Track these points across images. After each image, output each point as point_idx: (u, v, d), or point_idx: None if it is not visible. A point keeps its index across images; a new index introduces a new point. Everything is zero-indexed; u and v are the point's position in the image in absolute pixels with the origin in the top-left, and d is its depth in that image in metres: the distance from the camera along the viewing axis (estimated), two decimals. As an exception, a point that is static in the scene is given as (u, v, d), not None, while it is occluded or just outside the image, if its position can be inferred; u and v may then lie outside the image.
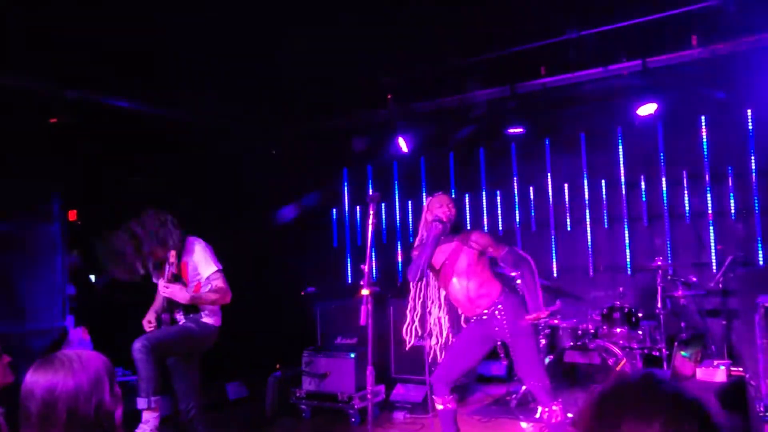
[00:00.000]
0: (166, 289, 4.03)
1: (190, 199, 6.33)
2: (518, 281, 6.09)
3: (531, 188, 7.55)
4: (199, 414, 4.12)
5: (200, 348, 4.17)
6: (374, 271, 8.23)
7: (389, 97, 6.78)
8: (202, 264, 4.15)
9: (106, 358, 1.99)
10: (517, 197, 7.62)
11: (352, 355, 6.00)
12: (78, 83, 5.79)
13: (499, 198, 7.74)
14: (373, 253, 8.28)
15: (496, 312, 4.02)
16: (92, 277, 6.79)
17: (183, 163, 6.80)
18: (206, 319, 4.15)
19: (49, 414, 1.82)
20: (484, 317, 4.07)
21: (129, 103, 6.34)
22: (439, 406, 4.10)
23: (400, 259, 8.23)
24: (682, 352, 3.74)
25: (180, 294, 4.00)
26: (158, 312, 4.21)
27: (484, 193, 7.79)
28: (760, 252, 6.31)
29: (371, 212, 3.78)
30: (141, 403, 3.67)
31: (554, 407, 3.93)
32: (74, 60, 5.47)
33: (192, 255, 4.18)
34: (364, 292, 3.60)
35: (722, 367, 3.80)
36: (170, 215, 4.22)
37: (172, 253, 4.08)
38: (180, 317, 4.18)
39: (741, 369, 4.14)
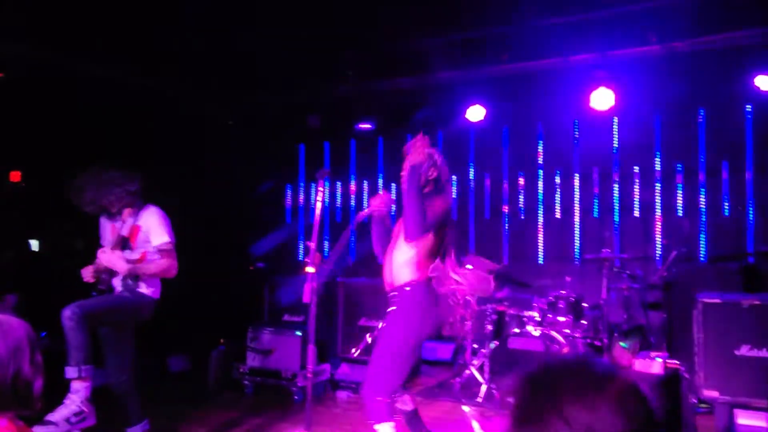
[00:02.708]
0: (103, 256, 3.90)
1: (140, 167, 6.15)
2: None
3: (486, 175, 7.58)
4: (132, 387, 4.00)
5: (134, 318, 4.02)
6: (326, 250, 8.17)
7: (350, 73, 6.69)
8: (155, 232, 4.01)
9: (28, 325, 1.92)
10: (473, 183, 7.65)
11: (298, 333, 5.95)
12: (26, 38, 5.54)
13: (455, 183, 7.74)
14: (327, 232, 8.25)
15: (406, 288, 3.49)
16: (32, 242, 6.58)
17: (134, 130, 6.58)
18: (143, 290, 4.00)
19: (-36, 379, 1.75)
20: (395, 293, 3.55)
21: (80, 63, 6.10)
22: (406, 407, 3.63)
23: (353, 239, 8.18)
24: (621, 343, 3.81)
25: (118, 264, 3.87)
26: (98, 270, 4.05)
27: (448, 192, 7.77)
28: (703, 248, 6.48)
29: (320, 188, 3.72)
30: (70, 372, 3.53)
31: (377, 426, 3.28)
32: (21, 13, 5.23)
33: (146, 221, 4.04)
34: (309, 269, 3.55)
35: (659, 359, 3.88)
36: (136, 179, 4.08)
37: (127, 211, 3.97)
38: (118, 284, 4.03)
39: (677, 362, 4.25)
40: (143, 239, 4.04)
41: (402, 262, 3.52)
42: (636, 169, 6.83)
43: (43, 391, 1.91)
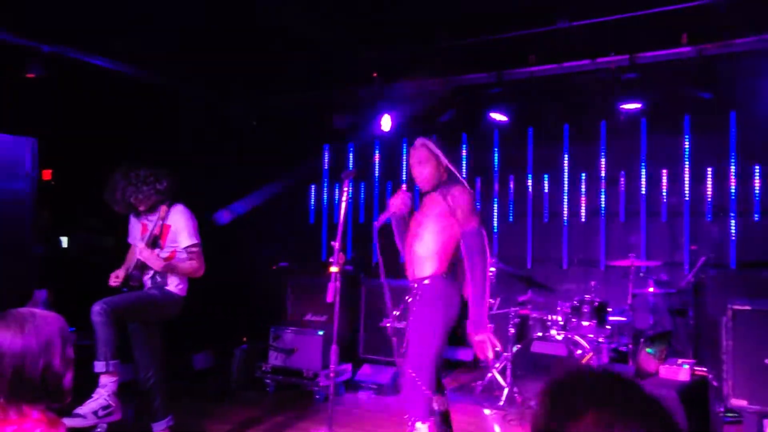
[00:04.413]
0: (142, 253, 3.99)
1: (166, 166, 6.21)
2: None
3: (511, 177, 7.53)
4: (159, 383, 4.07)
5: (161, 316, 4.10)
6: (349, 250, 8.18)
7: (374, 74, 6.69)
8: (183, 234, 4.10)
9: (62, 319, 1.95)
10: (496, 185, 7.61)
11: (321, 333, 5.97)
12: (58, 39, 5.63)
13: (478, 185, 7.71)
14: (349, 232, 8.26)
15: (426, 281, 3.54)
16: (62, 239, 6.68)
17: (159, 129, 6.66)
18: (171, 288, 4.09)
19: (-5, 369, 1.79)
20: (415, 285, 3.60)
21: (108, 63, 6.18)
22: (442, 407, 3.58)
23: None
24: (648, 349, 3.75)
25: (154, 261, 3.97)
26: (129, 269, 4.14)
27: (464, 179, 7.74)
28: (733, 255, 6.37)
29: (345, 188, 3.72)
30: (98, 366, 3.61)
31: (418, 424, 3.31)
32: (53, 14, 5.32)
33: (176, 221, 4.13)
34: (333, 269, 3.55)
35: (686, 366, 3.82)
36: (165, 178, 4.14)
37: (163, 208, 4.06)
38: (148, 281, 4.12)
39: (704, 369, 4.18)
40: (172, 238, 4.13)
41: (423, 255, 3.57)
42: (664, 172, 6.74)
43: (73, 384, 1.94)
